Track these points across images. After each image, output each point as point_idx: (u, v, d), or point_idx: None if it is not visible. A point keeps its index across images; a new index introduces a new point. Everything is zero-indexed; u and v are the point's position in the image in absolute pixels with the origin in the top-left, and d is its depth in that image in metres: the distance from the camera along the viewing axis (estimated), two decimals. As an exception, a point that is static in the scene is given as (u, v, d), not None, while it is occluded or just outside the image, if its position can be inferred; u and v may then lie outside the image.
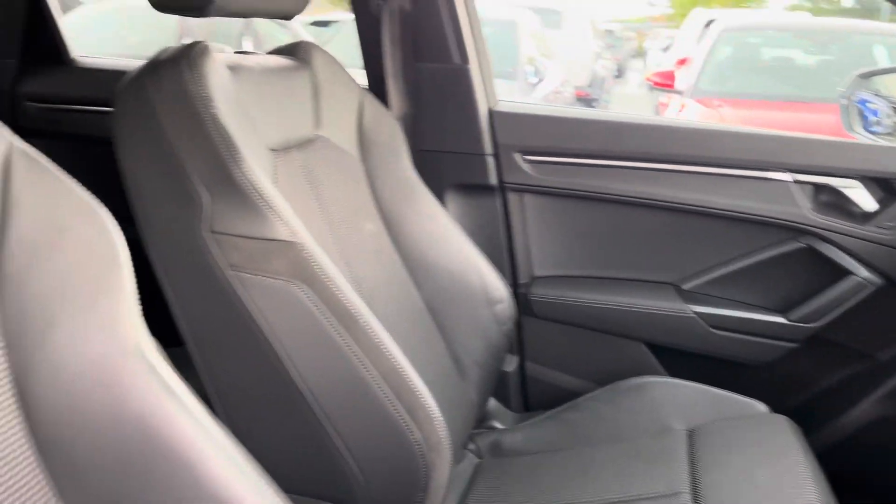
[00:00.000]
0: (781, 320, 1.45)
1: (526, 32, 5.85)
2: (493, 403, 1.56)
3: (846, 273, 1.39)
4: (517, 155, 1.50)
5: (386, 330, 0.91)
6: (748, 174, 1.43)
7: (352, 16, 1.52)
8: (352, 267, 1.14)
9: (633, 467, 1.19)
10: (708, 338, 1.47)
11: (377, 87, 1.43)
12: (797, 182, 1.40)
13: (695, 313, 1.47)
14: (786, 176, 1.40)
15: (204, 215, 0.87)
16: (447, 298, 1.33)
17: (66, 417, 0.55)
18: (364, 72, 1.51)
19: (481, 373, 1.36)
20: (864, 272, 1.38)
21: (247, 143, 0.90)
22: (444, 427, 0.91)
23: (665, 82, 5.15)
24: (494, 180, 1.51)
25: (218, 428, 0.59)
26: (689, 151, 1.46)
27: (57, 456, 0.55)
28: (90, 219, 0.58)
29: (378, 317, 0.91)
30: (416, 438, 0.89)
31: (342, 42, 3.66)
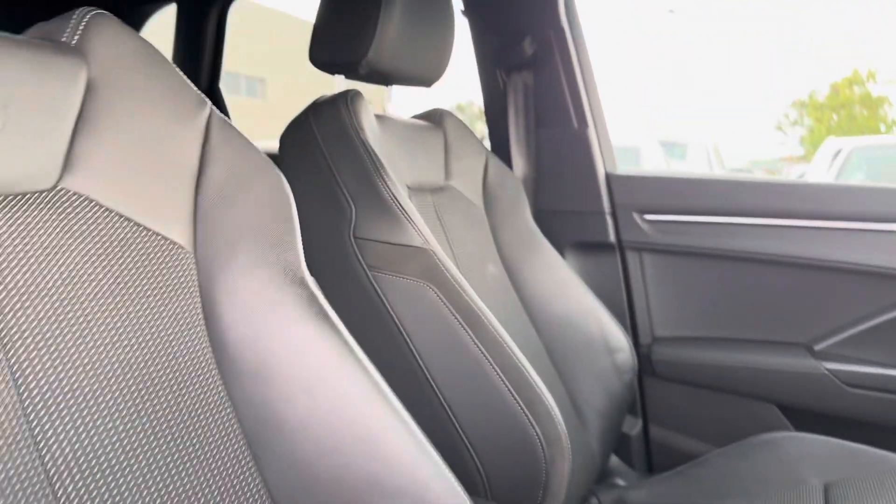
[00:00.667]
0: None
1: (647, 160, 5.98)
2: (616, 461, 1.53)
3: None
4: (635, 214, 1.56)
5: None
6: (876, 227, 1.40)
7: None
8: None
9: None
10: (842, 396, 1.40)
11: (500, 150, 1.57)
12: None
13: (827, 370, 1.41)
14: None
15: (350, 223, 1.00)
16: (567, 346, 1.37)
17: (241, 330, 0.65)
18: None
19: (602, 424, 1.36)
20: None
21: (389, 168, 1.04)
22: (563, 425, 0.94)
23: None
24: (612, 238, 1.57)
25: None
26: (812, 207, 1.46)
27: (227, 361, 0.65)
28: (268, 175, 0.71)
29: None
30: (536, 433, 0.93)
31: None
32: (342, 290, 1.01)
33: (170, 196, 0.64)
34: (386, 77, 1.22)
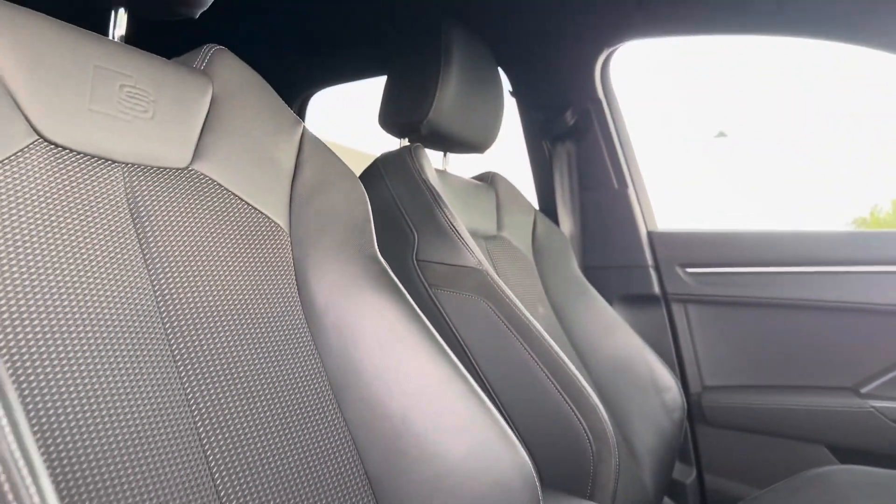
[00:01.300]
0: None
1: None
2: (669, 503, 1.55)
3: None
4: (677, 267, 1.66)
5: None
6: None
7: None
8: None
9: None
10: (889, 433, 1.42)
11: (548, 210, 1.72)
12: None
13: (874, 408, 1.44)
14: None
15: (413, 248, 1.15)
16: (616, 385, 1.44)
17: (327, 296, 0.79)
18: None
19: (653, 461, 1.41)
20: None
21: (447, 201, 1.20)
22: (609, 421, 1.02)
23: None
24: (657, 290, 1.66)
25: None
26: (849, 253, 1.53)
27: (316, 321, 0.78)
28: (348, 178, 0.87)
29: None
30: (583, 427, 1.01)
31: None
32: None
33: (272, 187, 0.81)
34: (444, 140, 1.40)
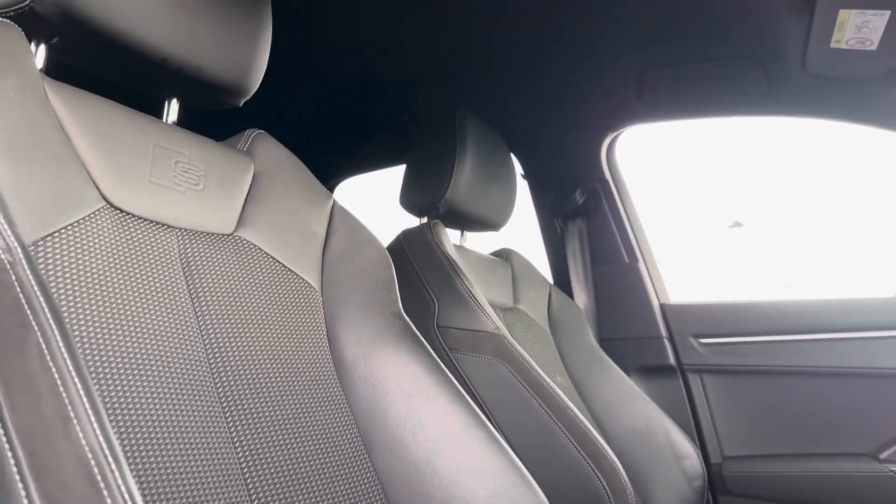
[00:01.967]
0: None
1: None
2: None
3: None
4: (691, 338, 1.71)
5: None
6: None
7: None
8: None
9: None
10: None
11: (562, 285, 1.78)
12: None
13: (893, 472, 1.44)
14: None
15: (434, 315, 1.22)
16: (636, 454, 1.46)
17: (355, 350, 0.86)
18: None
19: None
20: None
21: (465, 270, 1.28)
22: (627, 479, 1.05)
23: None
24: (673, 361, 1.70)
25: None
26: (864, 319, 1.57)
27: (345, 373, 0.85)
28: (374, 244, 0.95)
29: None
30: (602, 484, 1.04)
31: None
32: None
33: (306, 252, 0.89)
34: (461, 219, 1.50)
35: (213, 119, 0.99)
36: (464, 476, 0.78)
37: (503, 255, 1.64)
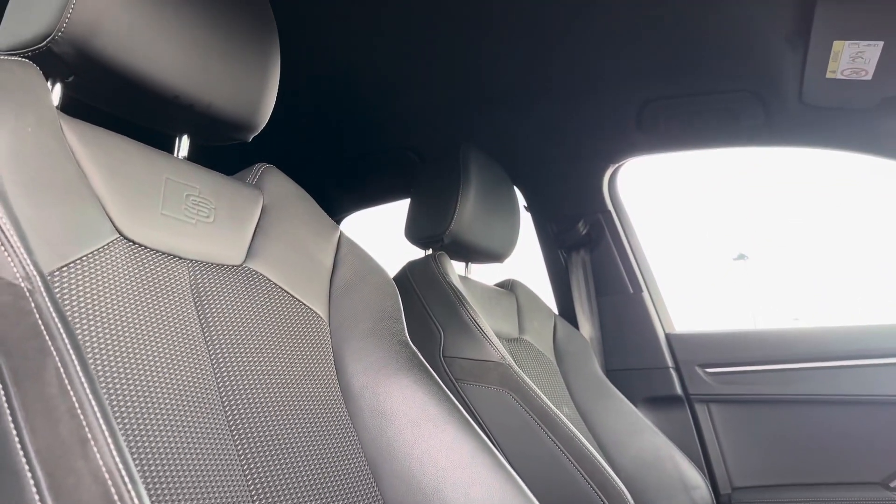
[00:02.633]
0: None
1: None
2: None
3: None
4: (697, 368, 1.71)
5: None
6: None
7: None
8: None
9: None
10: None
11: (567, 315, 1.79)
12: None
13: None
14: None
15: (440, 345, 1.22)
16: (644, 485, 1.46)
17: (363, 378, 0.86)
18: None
19: None
20: None
21: (470, 301, 1.29)
22: None
23: None
24: (679, 391, 1.70)
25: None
26: (871, 347, 1.57)
27: (353, 401, 0.85)
28: (380, 274, 0.96)
29: None
30: None
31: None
32: None
33: (314, 282, 0.90)
34: (465, 251, 1.51)
35: (224, 154, 1.02)
36: (472, 503, 0.78)
37: (508, 286, 1.66)
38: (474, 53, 1.44)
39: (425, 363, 0.89)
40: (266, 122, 0.92)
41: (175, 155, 0.88)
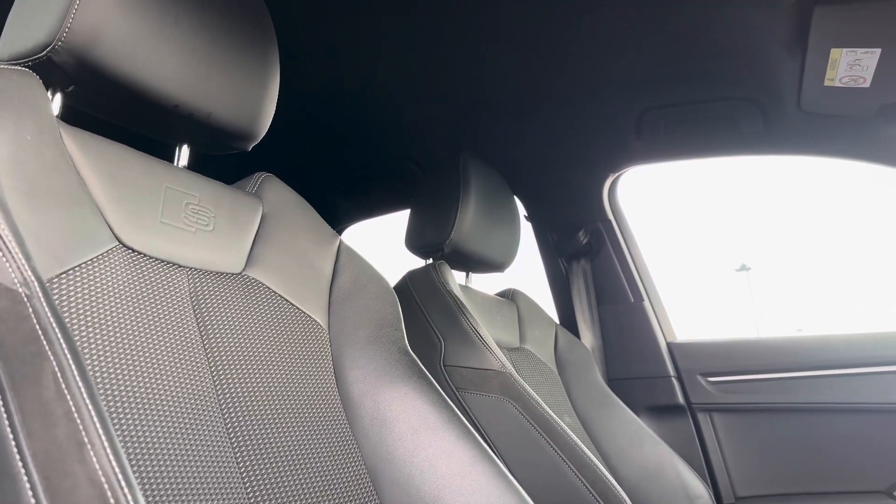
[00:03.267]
0: None
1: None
2: None
3: None
4: (699, 377, 1.70)
5: None
6: None
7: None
8: None
9: None
10: None
11: (568, 324, 1.79)
12: None
13: None
14: None
15: (440, 354, 1.22)
16: (647, 495, 1.45)
17: (362, 386, 0.86)
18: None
19: None
20: None
21: (470, 310, 1.28)
22: None
23: None
24: (681, 400, 1.69)
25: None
26: (874, 354, 1.56)
27: (352, 409, 0.85)
28: (379, 281, 0.96)
29: None
30: None
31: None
32: None
33: (313, 290, 0.90)
34: (465, 260, 1.51)
35: (223, 163, 1.02)
36: None
37: (509, 296, 1.65)
38: (475, 64, 1.45)
39: (425, 371, 0.89)
40: (266, 132, 0.92)
41: (175, 164, 0.89)
